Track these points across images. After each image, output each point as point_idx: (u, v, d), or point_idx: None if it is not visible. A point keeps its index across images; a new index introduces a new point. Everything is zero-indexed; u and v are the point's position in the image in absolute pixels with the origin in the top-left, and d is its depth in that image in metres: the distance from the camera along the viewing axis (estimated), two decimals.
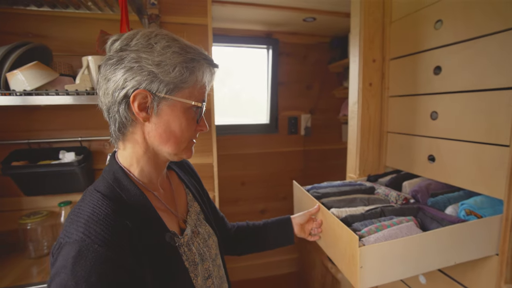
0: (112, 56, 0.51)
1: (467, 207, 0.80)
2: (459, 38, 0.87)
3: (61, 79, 0.83)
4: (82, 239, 0.43)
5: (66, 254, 0.42)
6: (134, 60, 0.50)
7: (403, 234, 0.73)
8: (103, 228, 0.45)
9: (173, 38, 0.53)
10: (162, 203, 0.60)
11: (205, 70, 0.55)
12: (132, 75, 0.50)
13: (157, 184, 0.61)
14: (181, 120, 0.54)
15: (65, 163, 0.97)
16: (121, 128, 0.54)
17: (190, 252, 0.59)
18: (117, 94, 0.51)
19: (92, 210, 0.47)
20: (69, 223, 0.47)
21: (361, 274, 0.69)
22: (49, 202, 1.13)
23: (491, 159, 0.80)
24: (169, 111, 0.53)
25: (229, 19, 1.79)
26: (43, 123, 1.10)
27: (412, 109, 1.09)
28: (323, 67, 2.23)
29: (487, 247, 0.79)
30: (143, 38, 0.51)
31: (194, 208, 0.68)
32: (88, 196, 0.51)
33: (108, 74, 0.51)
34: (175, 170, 0.72)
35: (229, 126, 2.14)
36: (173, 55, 0.51)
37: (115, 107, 0.52)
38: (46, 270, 1.02)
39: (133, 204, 0.52)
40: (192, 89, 0.54)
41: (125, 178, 0.54)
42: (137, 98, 0.50)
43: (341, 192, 0.99)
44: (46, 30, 1.04)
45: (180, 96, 0.53)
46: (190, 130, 0.57)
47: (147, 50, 0.50)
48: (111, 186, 0.53)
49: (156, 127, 0.53)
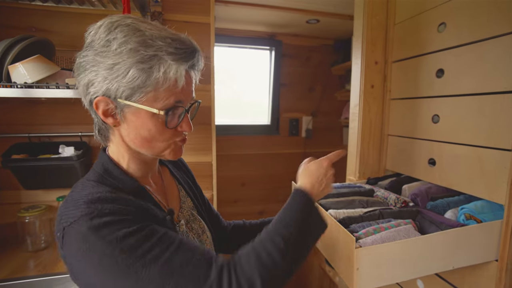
0: (79, 54, 0.49)
1: (467, 212, 0.79)
2: (463, 41, 0.87)
3: (62, 73, 0.84)
4: (90, 212, 0.43)
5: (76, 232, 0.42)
6: (91, 63, 0.46)
7: (401, 236, 0.72)
8: (105, 204, 0.44)
9: (135, 28, 0.46)
10: (155, 196, 0.59)
11: (168, 69, 0.47)
12: (91, 81, 0.47)
13: (147, 178, 0.60)
14: (148, 126, 0.49)
15: (64, 157, 0.97)
16: (100, 131, 0.54)
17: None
18: (85, 99, 0.50)
19: (88, 192, 0.46)
20: (64, 208, 0.46)
21: (358, 276, 0.68)
22: (48, 196, 1.13)
23: (493, 164, 0.79)
24: (134, 118, 0.49)
25: (233, 20, 1.79)
26: (44, 117, 1.10)
27: (413, 112, 1.09)
28: (326, 69, 2.23)
29: (486, 252, 0.78)
30: (104, 31, 0.46)
31: (187, 204, 0.68)
32: (80, 185, 0.51)
33: (76, 76, 0.50)
34: (168, 166, 0.72)
35: (230, 126, 2.14)
36: (128, 55, 0.45)
37: (91, 111, 0.52)
38: (43, 263, 1.02)
39: (130, 192, 0.51)
40: (155, 92, 0.47)
41: (116, 169, 0.53)
42: (99, 105, 0.48)
43: (340, 193, 0.99)
44: (50, 25, 1.05)
45: (144, 101, 0.47)
46: (164, 135, 0.51)
47: (103, 49, 0.46)
48: (102, 176, 0.52)
49: (127, 132, 0.51)
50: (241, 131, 2.17)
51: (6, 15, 1.02)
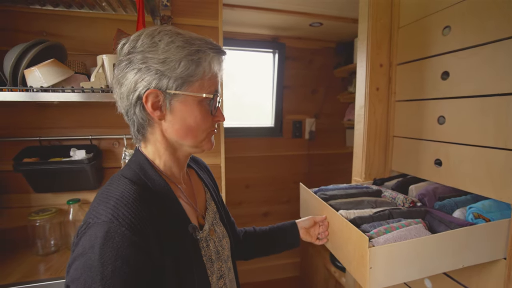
0: (121, 60, 0.53)
1: (476, 211, 0.81)
2: (468, 44, 0.89)
3: (76, 76, 0.85)
4: (111, 221, 0.44)
5: (94, 234, 0.43)
6: (141, 61, 0.51)
7: (412, 235, 0.73)
8: (131, 212, 0.46)
9: (176, 32, 0.53)
10: (185, 196, 0.61)
11: (212, 60, 0.55)
12: (141, 76, 0.51)
13: (179, 178, 0.62)
14: (195, 114, 0.55)
15: (75, 161, 0.98)
16: (140, 129, 0.56)
17: (207, 248, 0.59)
18: (131, 96, 0.53)
19: (121, 194, 0.48)
20: (97, 203, 0.48)
21: (371, 275, 0.69)
22: (58, 200, 1.14)
23: (499, 164, 0.81)
24: (182, 106, 0.54)
25: (237, 23, 1.82)
26: (54, 121, 1.11)
27: (419, 113, 1.10)
28: (328, 72, 2.26)
29: (495, 251, 0.79)
30: (147, 37, 0.52)
31: (212, 207, 0.69)
32: (116, 181, 0.52)
33: (120, 78, 0.53)
34: (194, 168, 0.74)
35: (234, 128, 2.16)
36: (177, 50, 0.51)
37: (132, 109, 0.54)
38: (54, 267, 1.03)
39: (158, 193, 0.53)
40: (201, 81, 0.54)
41: (150, 168, 0.56)
42: (149, 98, 0.52)
43: (348, 194, 1.00)
44: (61, 30, 1.06)
45: (191, 90, 0.53)
46: (206, 122, 0.57)
47: (152, 49, 0.51)
48: (137, 174, 0.54)
49: (172, 124, 0.55)
50: (245, 133, 2.19)
51: (17, 19, 1.04)
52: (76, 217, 1.11)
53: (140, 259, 0.44)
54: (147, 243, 0.45)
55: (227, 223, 0.77)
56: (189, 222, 0.56)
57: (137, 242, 0.44)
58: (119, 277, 0.41)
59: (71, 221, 1.11)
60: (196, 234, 0.57)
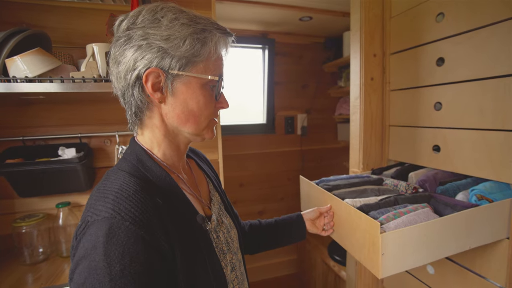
0: (119, 37, 0.49)
1: (478, 193, 0.82)
2: (462, 29, 0.90)
3: (64, 67, 0.79)
4: (112, 216, 0.40)
5: (95, 233, 0.39)
6: (141, 37, 0.47)
7: (422, 219, 0.73)
8: (133, 205, 0.42)
9: (180, 9, 0.49)
10: (187, 186, 0.57)
11: (218, 40, 0.51)
12: (142, 54, 0.47)
13: (179, 168, 0.58)
14: (198, 97, 0.51)
15: (65, 160, 0.92)
16: (137, 113, 0.52)
17: (218, 239, 0.56)
18: (129, 76, 0.48)
19: (120, 187, 0.44)
20: (94, 200, 0.44)
21: (383, 261, 0.68)
22: (46, 204, 1.06)
23: (498, 145, 0.82)
24: (184, 88, 0.50)
25: (227, 18, 1.79)
26: (39, 119, 1.03)
27: (414, 101, 1.11)
28: (318, 67, 2.27)
29: (498, 231, 0.81)
30: (149, 13, 0.48)
31: (216, 198, 0.66)
32: (113, 174, 0.48)
33: (117, 56, 0.49)
34: (194, 158, 0.70)
35: (226, 126, 2.12)
36: (182, 27, 0.47)
37: (129, 90, 0.50)
38: (43, 277, 0.96)
39: (160, 184, 0.50)
40: (206, 62, 0.51)
41: (149, 159, 0.52)
42: (149, 77, 0.48)
43: (351, 184, 0.99)
44: (43, 20, 0.98)
45: (195, 71, 0.50)
46: (210, 107, 0.53)
47: (154, 25, 0.47)
48: (135, 166, 0.50)
49: (173, 107, 0.51)
50: (237, 131, 2.16)
51: None
52: (66, 221, 1.04)
53: (150, 255, 0.40)
54: (154, 237, 0.42)
55: (232, 214, 0.74)
56: (196, 213, 0.52)
57: (144, 236, 0.40)
58: (130, 275, 0.37)
59: (61, 226, 1.04)
60: (205, 225, 0.54)
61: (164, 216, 0.45)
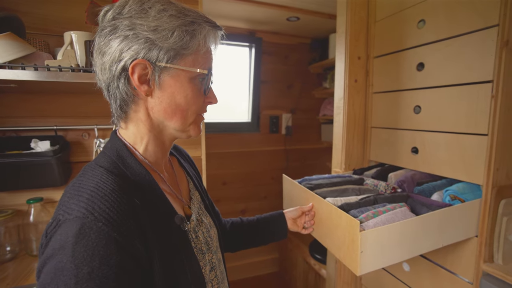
0: (105, 26, 0.47)
1: (452, 193, 0.86)
2: (441, 36, 0.94)
3: (39, 54, 0.74)
4: (85, 216, 0.38)
5: (65, 233, 0.37)
6: (128, 27, 0.45)
7: (399, 218, 0.75)
8: (108, 205, 0.40)
9: (168, 1, 0.48)
10: (168, 185, 0.56)
11: (208, 34, 0.50)
12: (128, 45, 0.45)
13: (161, 165, 0.57)
14: (186, 91, 0.50)
15: (38, 153, 0.86)
16: (122, 106, 0.50)
17: (197, 239, 0.55)
18: (114, 67, 0.46)
19: (96, 185, 0.42)
20: (68, 198, 0.41)
21: (362, 259, 0.69)
22: (15, 199, 1.00)
23: (471, 148, 0.86)
24: (172, 82, 0.49)
25: (214, 14, 1.76)
26: (9, 109, 0.96)
27: (395, 104, 1.15)
28: (304, 68, 2.29)
29: (469, 229, 0.85)
30: (136, 3, 0.46)
31: (196, 197, 0.65)
32: (90, 170, 0.46)
33: (102, 46, 0.47)
34: (176, 156, 0.68)
35: (210, 124, 2.10)
36: (170, 19, 0.46)
37: (114, 82, 0.48)
38: (11, 276, 0.90)
39: (139, 183, 0.48)
40: (195, 55, 0.49)
41: (130, 156, 0.49)
42: (136, 69, 0.46)
43: (333, 183, 1.01)
44: (15, 3, 0.91)
45: (183, 64, 0.48)
46: (198, 102, 0.52)
47: (141, 15, 0.46)
48: (114, 163, 0.48)
49: (159, 101, 0.49)
50: (221, 129, 2.14)
51: None
52: (38, 218, 0.99)
53: (122, 257, 0.38)
54: (129, 238, 0.40)
55: (213, 213, 0.73)
56: (175, 214, 0.51)
57: (117, 238, 0.38)
58: (98, 279, 0.35)
59: (32, 223, 0.98)
60: (184, 226, 0.52)
61: (141, 216, 0.44)
